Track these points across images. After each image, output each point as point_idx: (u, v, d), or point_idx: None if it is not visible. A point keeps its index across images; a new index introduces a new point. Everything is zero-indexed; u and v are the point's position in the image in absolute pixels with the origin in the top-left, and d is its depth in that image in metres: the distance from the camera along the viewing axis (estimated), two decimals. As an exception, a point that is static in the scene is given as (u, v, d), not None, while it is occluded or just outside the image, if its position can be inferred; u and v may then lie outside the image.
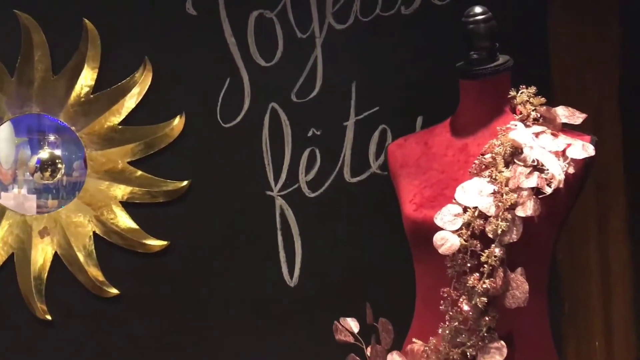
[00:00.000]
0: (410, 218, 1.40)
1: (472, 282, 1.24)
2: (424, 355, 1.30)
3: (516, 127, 1.35)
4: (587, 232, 2.03)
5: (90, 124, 1.92)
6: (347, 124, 2.02)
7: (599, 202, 2.00)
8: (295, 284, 1.98)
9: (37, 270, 1.88)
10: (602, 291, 2.06)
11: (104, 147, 1.92)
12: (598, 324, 2.06)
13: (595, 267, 2.06)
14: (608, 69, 1.95)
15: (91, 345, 1.92)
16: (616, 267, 2.03)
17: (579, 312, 2.05)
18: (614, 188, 1.99)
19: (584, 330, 2.05)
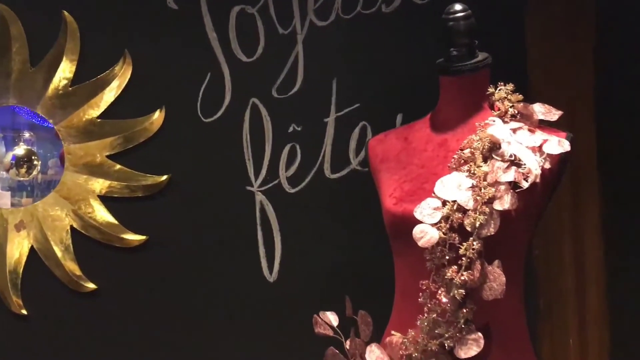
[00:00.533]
0: (390, 212, 1.41)
1: (451, 274, 1.26)
2: (402, 347, 1.32)
3: (494, 123, 1.37)
4: (562, 228, 2.06)
5: (68, 116, 1.90)
6: (327, 120, 2.03)
7: (573, 199, 2.04)
8: (275, 279, 1.98)
9: (12, 264, 1.86)
10: (576, 288, 2.09)
11: (82, 141, 1.90)
12: (572, 320, 2.10)
13: (569, 264, 2.10)
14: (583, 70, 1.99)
15: (67, 340, 1.90)
16: (590, 264, 2.07)
17: (553, 308, 2.08)
18: (588, 186, 2.02)
19: (558, 326, 2.08)
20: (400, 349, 1.32)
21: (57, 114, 1.90)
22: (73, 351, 1.91)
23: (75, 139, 1.90)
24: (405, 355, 1.31)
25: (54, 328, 1.90)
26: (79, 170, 1.90)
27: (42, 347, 1.89)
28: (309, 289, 1.96)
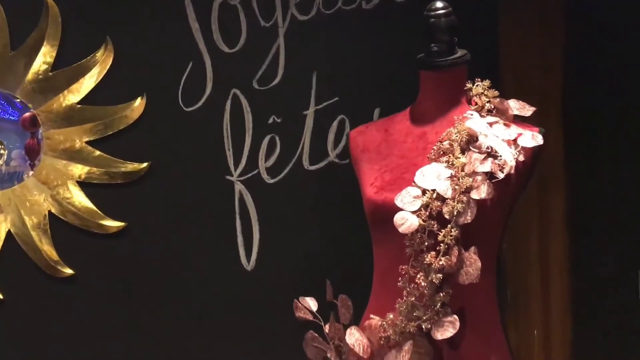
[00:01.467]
0: (371, 200, 1.46)
1: (429, 259, 1.31)
2: (381, 330, 1.37)
3: (472, 117, 1.43)
4: (529, 224, 2.14)
5: (48, 101, 1.90)
6: (307, 113, 2.07)
7: (540, 196, 2.12)
8: (252, 268, 2.02)
9: (-12, 247, 1.85)
10: (541, 281, 2.17)
11: (62, 126, 1.90)
12: (537, 313, 2.18)
13: (535, 258, 2.17)
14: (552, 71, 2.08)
15: (43, 325, 1.90)
16: (554, 259, 2.15)
17: (519, 301, 2.16)
18: (555, 183, 2.11)
19: (523, 319, 2.15)
20: (379, 332, 1.37)
21: (37, 99, 1.89)
22: (48, 336, 1.91)
23: (55, 124, 1.90)
24: (384, 337, 1.36)
25: (29, 313, 1.89)
26: (58, 156, 1.89)
27: (17, 331, 1.89)
28: (286, 278, 2.00)
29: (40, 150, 1.90)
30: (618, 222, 1.90)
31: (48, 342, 1.90)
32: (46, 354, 1.90)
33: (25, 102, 1.88)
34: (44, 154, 1.89)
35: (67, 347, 1.91)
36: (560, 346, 2.15)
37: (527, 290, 2.19)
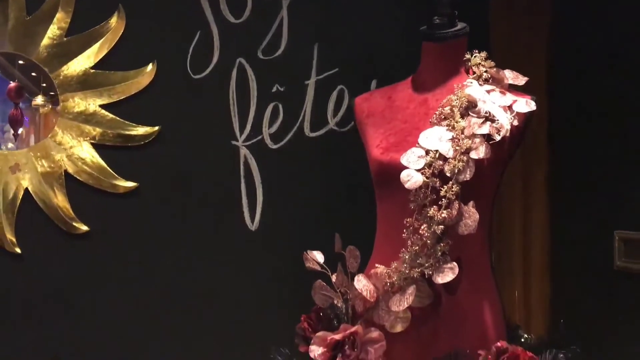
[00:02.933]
0: (377, 160, 1.59)
1: (432, 212, 1.45)
2: (386, 276, 1.50)
3: (471, 85, 1.56)
4: (513, 192, 2.28)
5: (63, 66, 1.97)
6: (308, 83, 2.18)
7: (524, 165, 2.25)
8: (256, 228, 2.13)
9: (7, 204, 1.92)
10: (523, 245, 2.31)
11: (76, 90, 1.98)
12: (518, 275, 2.32)
13: (518, 223, 2.31)
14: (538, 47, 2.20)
15: (58, 278, 1.98)
16: (536, 224, 2.28)
17: (503, 264, 2.30)
18: (538, 153, 2.24)
19: (506, 281, 2.29)
20: (384, 278, 1.50)
21: (52, 63, 1.96)
22: (64, 289, 1.99)
23: (70, 87, 1.97)
24: (388, 283, 1.50)
25: (46, 267, 1.97)
26: (73, 118, 1.97)
27: (33, 284, 1.97)
28: (288, 237, 2.12)
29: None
30: (595, 189, 2.03)
31: (63, 294, 1.99)
32: (61, 306, 1.99)
33: (42, 65, 1.95)
34: (60, 116, 1.96)
35: (81, 300, 2.00)
36: (539, 305, 2.29)
37: (510, 254, 2.33)
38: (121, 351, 2.03)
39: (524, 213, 2.30)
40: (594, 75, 2.01)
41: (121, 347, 2.03)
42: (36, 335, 1.97)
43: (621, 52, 1.87)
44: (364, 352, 1.52)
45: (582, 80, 2.06)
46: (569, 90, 2.13)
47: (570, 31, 2.11)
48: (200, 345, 2.08)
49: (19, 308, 1.96)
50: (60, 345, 1.99)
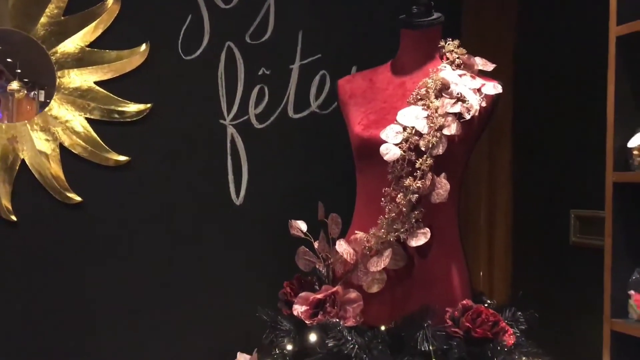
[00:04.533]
0: (359, 135, 1.73)
1: (408, 182, 1.60)
2: (365, 241, 1.65)
3: (445, 69, 1.72)
4: (479, 174, 2.43)
5: (60, 44, 2.06)
6: (292, 67, 2.31)
7: (490, 148, 2.40)
8: (241, 203, 2.26)
9: (5, 174, 2.00)
10: (488, 225, 2.47)
11: (73, 67, 2.07)
12: (483, 256, 2.49)
13: (484, 204, 2.47)
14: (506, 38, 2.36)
15: (52, 246, 2.07)
16: (500, 206, 2.43)
17: (468, 243, 2.45)
18: (503, 137, 2.39)
19: (472, 259, 2.44)
20: (363, 243, 1.66)
21: (49, 41, 2.05)
22: (57, 257, 2.07)
23: (66, 64, 2.06)
24: (367, 247, 1.65)
25: (40, 235, 2.06)
26: (69, 93, 2.07)
27: (28, 252, 2.05)
28: (271, 212, 2.25)
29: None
30: (553, 172, 2.20)
31: (57, 262, 2.08)
32: (55, 273, 2.08)
33: (40, 42, 2.04)
34: (56, 91, 2.06)
35: (73, 268, 2.09)
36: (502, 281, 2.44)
37: (475, 233, 2.50)
38: (110, 318, 2.13)
39: (490, 194, 2.45)
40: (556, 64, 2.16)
41: (110, 314, 2.13)
42: (28, 299, 2.06)
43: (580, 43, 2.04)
44: (342, 310, 1.67)
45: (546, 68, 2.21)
46: (533, 78, 2.28)
47: (536, 22, 2.27)
48: (187, 312, 2.19)
49: (12, 273, 2.05)
50: (50, 310, 2.08)
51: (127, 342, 2.14)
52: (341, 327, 1.58)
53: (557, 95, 2.16)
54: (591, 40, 1.77)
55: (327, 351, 1.56)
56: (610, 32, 1.53)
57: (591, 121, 1.87)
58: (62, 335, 2.09)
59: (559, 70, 2.16)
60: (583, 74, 1.98)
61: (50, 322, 2.09)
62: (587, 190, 2.03)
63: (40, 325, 2.08)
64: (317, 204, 1.84)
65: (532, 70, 2.28)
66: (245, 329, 2.05)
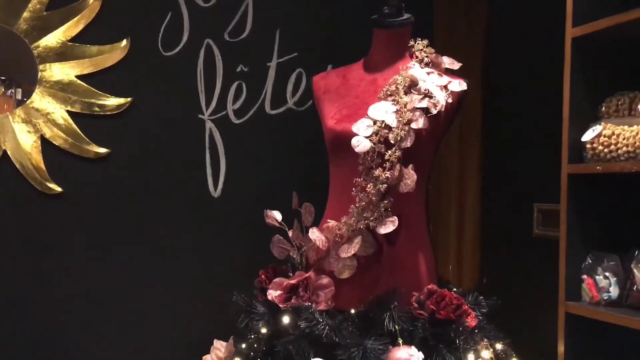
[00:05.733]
0: (332, 129, 1.82)
1: (378, 173, 1.69)
2: (336, 229, 1.74)
3: (414, 67, 1.82)
4: (450, 169, 2.52)
5: (42, 38, 2.11)
6: (270, 65, 2.39)
7: (459, 145, 2.49)
8: (219, 195, 2.33)
9: (-14, 164, 2.06)
10: (458, 218, 2.57)
11: (55, 61, 2.12)
12: (452, 250, 2.58)
13: (454, 199, 2.55)
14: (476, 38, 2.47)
15: (33, 236, 2.12)
16: (469, 201, 2.53)
17: (439, 237, 2.54)
18: (472, 135, 2.49)
19: (441, 255, 2.53)
20: (334, 231, 1.74)
21: (32, 35, 2.10)
22: (38, 246, 2.12)
23: (49, 58, 2.11)
24: (338, 235, 1.73)
25: (21, 225, 2.10)
26: (51, 87, 2.12)
27: (9, 242, 2.10)
28: (247, 203, 2.32)
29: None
30: (519, 167, 2.30)
31: (38, 252, 2.12)
32: (37, 263, 2.12)
33: (22, 37, 2.09)
34: (38, 84, 2.11)
35: (54, 257, 2.14)
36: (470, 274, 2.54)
37: (445, 228, 2.59)
38: (89, 306, 2.18)
39: (459, 190, 2.54)
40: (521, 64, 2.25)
41: (89, 302, 2.18)
42: (8, 287, 2.10)
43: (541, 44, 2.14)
44: (315, 295, 1.75)
45: (511, 68, 2.31)
46: (500, 77, 2.37)
47: (502, 25, 2.37)
48: (165, 302, 2.25)
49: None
50: (29, 298, 2.12)
51: (106, 331, 2.20)
52: (313, 309, 1.66)
53: (522, 94, 2.27)
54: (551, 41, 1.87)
55: (299, 332, 1.64)
56: (566, 34, 1.63)
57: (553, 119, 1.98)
58: (42, 323, 2.14)
59: (522, 69, 2.26)
60: (544, 73, 2.09)
61: (29, 310, 2.13)
62: (548, 185, 2.13)
63: (20, 314, 2.12)
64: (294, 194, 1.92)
65: (499, 69, 2.39)
66: (222, 317, 2.11)
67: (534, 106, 2.21)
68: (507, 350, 1.76)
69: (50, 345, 2.15)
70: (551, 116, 2.05)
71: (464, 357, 1.61)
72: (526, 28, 2.23)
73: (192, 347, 2.13)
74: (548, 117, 2.11)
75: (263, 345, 1.73)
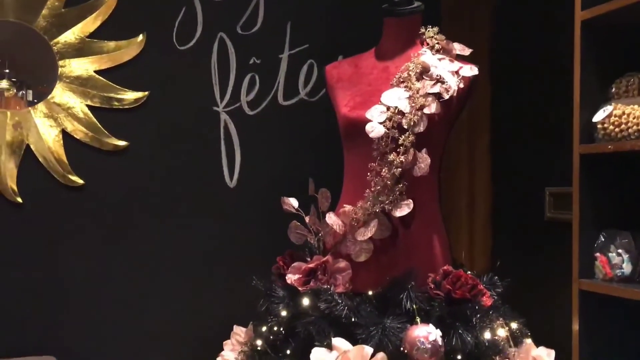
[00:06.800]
0: (346, 116, 1.86)
1: (392, 157, 1.73)
2: (352, 213, 1.78)
3: (425, 53, 1.85)
4: (460, 157, 2.56)
5: (61, 35, 2.16)
6: (282, 57, 2.43)
7: (469, 133, 2.54)
8: (235, 185, 2.38)
9: (10, 157, 2.10)
10: (468, 204, 2.60)
11: (74, 56, 2.17)
12: (464, 236, 2.62)
13: (465, 186, 2.60)
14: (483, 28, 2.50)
15: (56, 227, 2.17)
16: (479, 187, 2.58)
17: (451, 222, 2.57)
18: (481, 123, 2.53)
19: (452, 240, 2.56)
20: (351, 215, 1.78)
21: (51, 32, 2.15)
22: (60, 237, 2.18)
23: (67, 54, 2.17)
24: (354, 219, 1.77)
25: (44, 216, 2.16)
26: (71, 82, 2.17)
27: (33, 232, 2.15)
28: (262, 192, 2.37)
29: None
30: (530, 152, 2.34)
31: (60, 242, 2.18)
32: (57, 252, 2.18)
33: (42, 34, 2.14)
34: (59, 80, 2.16)
35: (76, 247, 2.20)
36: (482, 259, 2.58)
37: (456, 215, 2.63)
38: (112, 294, 2.24)
39: (470, 177, 2.59)
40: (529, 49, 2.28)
41: (112, 291, 2.24)
42: (32, 277, 2.16)
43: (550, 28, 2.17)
44: (333, 278, 1.79)
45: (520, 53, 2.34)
46: (508, 62, 2.40)
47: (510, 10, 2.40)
48: (184, 289, 2.31)
49: (18, 252, 2.14)
50: (52, 288, 2.18)
51: (128, 318, 2.25)
52: (332, 291, 1.71)
53: (531, 79, 2.30)
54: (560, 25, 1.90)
55: (319, 314, 1.68)
56: (575, 17, 1.67)
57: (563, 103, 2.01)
58: (63, 311, 2.19)
59: (531, 54, 2.29)
60: (553, 57, 2.12)
61: (51, 298, 2.18)
62: (560, 168, 2.16)
63: (42, 301, 2.17)
64: (306, 184, 1.96)
65: (507, 55, 2.42)
66: (240, 304, 2.16)
67: (542, 91, 2.24)
68: (522, 329, 1.79)
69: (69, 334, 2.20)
70: (560, 100, 2.09)
71: (481, 335, 1.65)
72: (534, 12, 2.26)
73: (212, 333, 2.18)
74: (557, 101, 2.15)
75: (283, 328, 1.78)
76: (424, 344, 1.55)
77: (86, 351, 2.20)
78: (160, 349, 2.28)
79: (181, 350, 2.30)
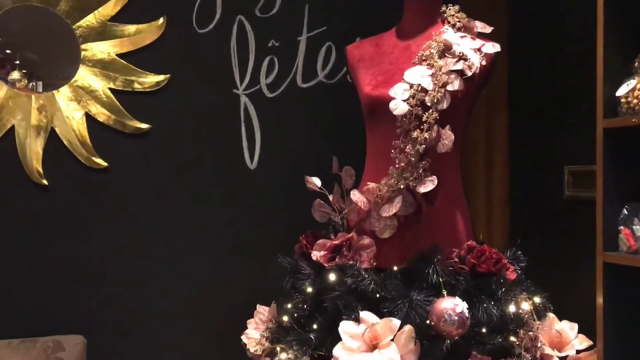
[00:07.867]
0: (369, 95, 1.87)
1: (416, 134, 1.74)
2: (377, 190, 1.80)
3: (447, 31, 1.86)
4: (477, 136, 2.57)
5: (83, 18, 2.18)
6: (300, 39, 2.45)
7: (487, 113, 2.54)
8: (255, 167, 2.40)
9: (35, 141, 2.13)
10: (486, 181, 2.61)
11: (96, 40, 2.20)
12: (481, 214, 2.62)
13: (482, 163, 2.61)
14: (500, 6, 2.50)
15: (80, 208, 2.21)
16: (498, 164, 2.58)
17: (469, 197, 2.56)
18: (499, 102, 2.54)
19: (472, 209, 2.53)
20: (375, 192, 1.80)
21: (73, 15, 2.17)
22: (85, 217, 2.22)
23: (90, 37, 2.19)
24: (379, 195, 1.79)
25: (69, 197, 2.20)
26: (93, 65, 2.20)
27: (58, 213, 2.19)
28: (283, 174, 2.40)
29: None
30: (549, 131, 2.35)
31: (85, 223, 2.22)
32: (82, 233, 2.22)
33: (64, 17, 2.16)
34: (81, 64, 2.18)
35: (100, 228, 2.23)
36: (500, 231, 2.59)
37: (474, 193, 2.63)
38: (138, 272, 2.28)
39: (486, 154, 2.58)
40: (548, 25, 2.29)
41: (137, 269, 2.28)
42: (57, 257, 2.20)
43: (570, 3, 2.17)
44: (357, 255, 1.81)
45: (538, 31, 2.35)
46: (526, 41, 2.42)
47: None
48: (208, 270, 2.34)
49: (43, 234, 2.18)
50: (77, 267, 2.22)
51: (153, 298, 2.29)
52: (358, 267, 1.73)
53: (549, 57, 2.31)
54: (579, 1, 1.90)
55: (345, 289, 1.70)
56: (598, -8, 1.67)
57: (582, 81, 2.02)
58: (89, 291, 2.23)
59: (550, 30, 2.29)
60: (575, 32, 2.12)
61: (78, 278, 2.22)
62: (579, 147, 2.18)
63: (69, 281, 2.21)
64: (325, 165, 1.98)
65: (526, 32, 2.42)
66: (263, 283, 2.20)
67: (562, 68, 2.25)
68: (545, 304, 1.81)
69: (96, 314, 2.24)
70: (579, 77, 2.10)
71: (505, 308, 1.67)
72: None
73: (236, 312, 2.21)
74: (577, 79, 2.16)
75: (309, 304, 1.80)
76: (451, 316, 1.57)
77: (114, 330, 2.24)
78: (186, 328, 2.32)
79: (206, 329, 2.34)
